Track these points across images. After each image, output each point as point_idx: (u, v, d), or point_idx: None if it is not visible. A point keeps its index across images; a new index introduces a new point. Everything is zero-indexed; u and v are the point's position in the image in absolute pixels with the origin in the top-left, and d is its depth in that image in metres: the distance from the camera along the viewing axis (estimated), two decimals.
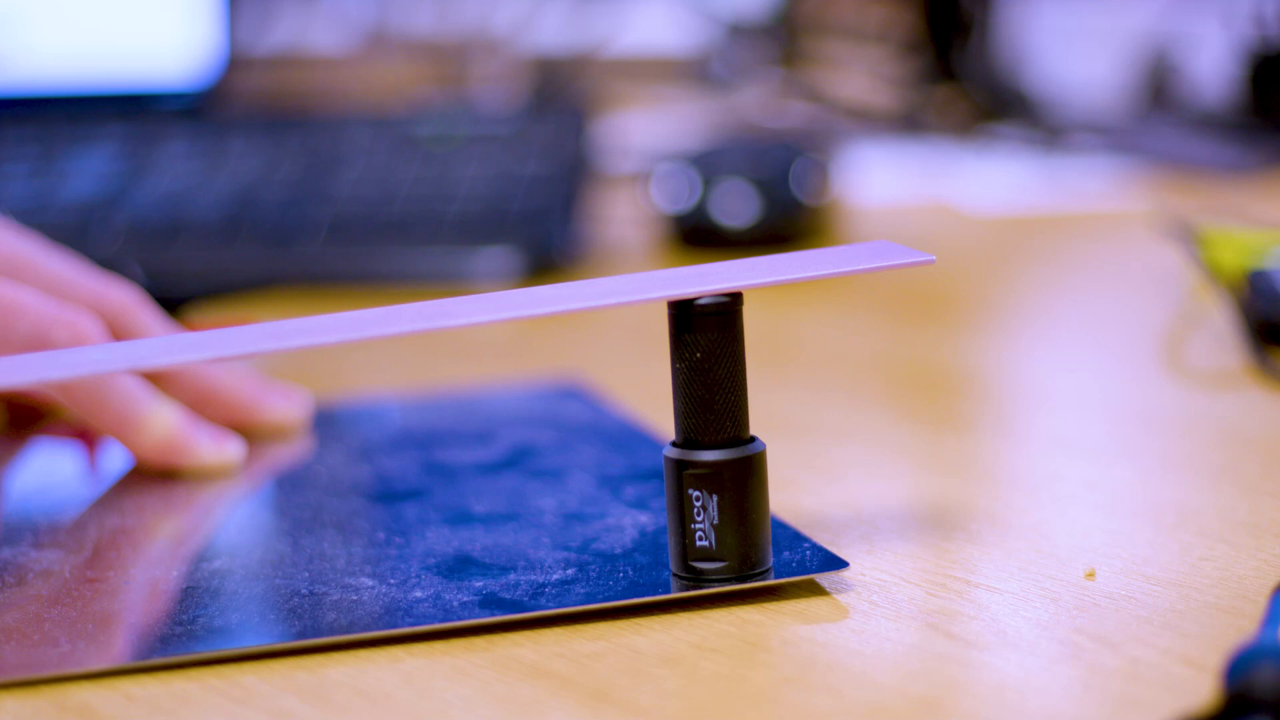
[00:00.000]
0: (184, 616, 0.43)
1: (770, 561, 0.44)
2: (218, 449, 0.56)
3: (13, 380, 0.42)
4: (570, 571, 0.45)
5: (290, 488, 0.56)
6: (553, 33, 1.38)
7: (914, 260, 0.44)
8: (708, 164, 0.93)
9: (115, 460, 0.57)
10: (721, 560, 0.43)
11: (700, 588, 0.43)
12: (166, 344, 0.44)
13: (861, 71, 1.36)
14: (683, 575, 0.43)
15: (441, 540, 0.48)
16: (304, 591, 0.44)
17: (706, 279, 0.43)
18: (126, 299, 0.58)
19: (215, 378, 0.59)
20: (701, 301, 0.43)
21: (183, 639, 0.42)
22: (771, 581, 0.43)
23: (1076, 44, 1.34)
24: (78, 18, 1.03)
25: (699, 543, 0.43)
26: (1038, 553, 0.46)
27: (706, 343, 0.43)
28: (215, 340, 0.43)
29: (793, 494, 0.51)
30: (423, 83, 1.34)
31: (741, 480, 0.43)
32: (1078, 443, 0.57)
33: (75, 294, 0.57)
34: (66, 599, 0.45)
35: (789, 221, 0.91)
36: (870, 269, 0.44)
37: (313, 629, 0.42)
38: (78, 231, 0.87)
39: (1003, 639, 0.41)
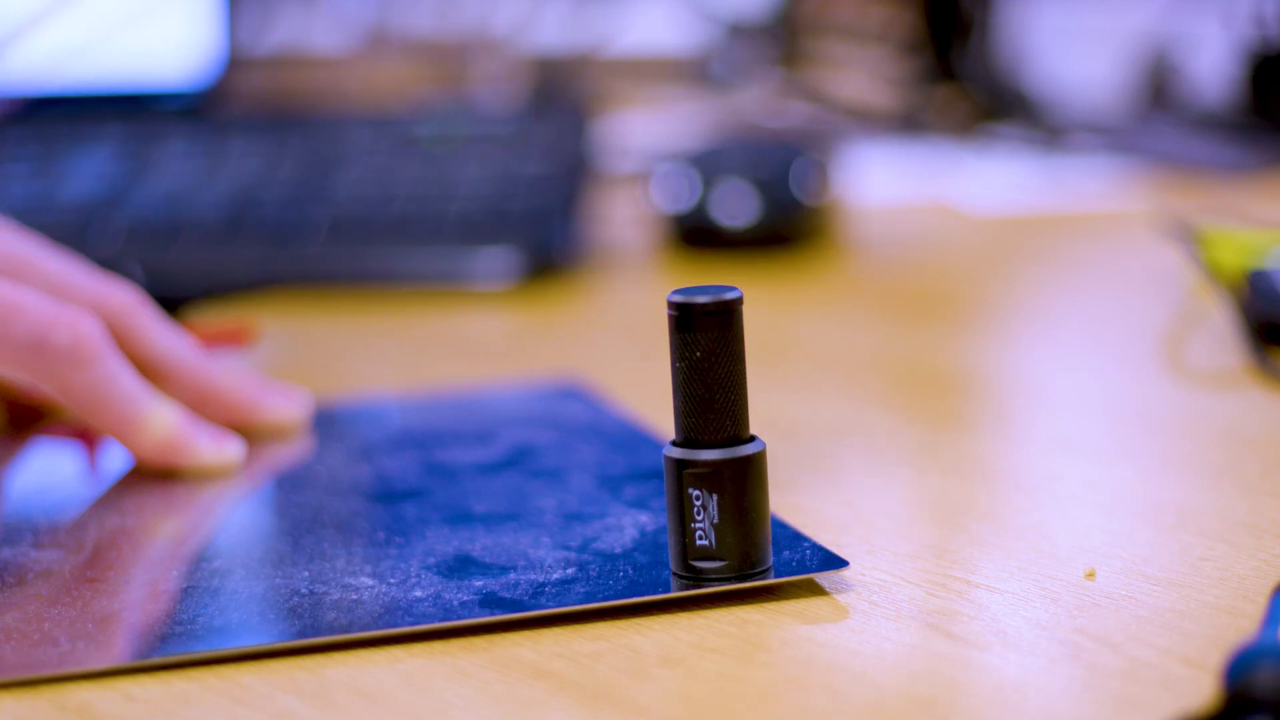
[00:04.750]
0: (184, 616, 0.43)
1: (770, 561, 0.44)
2: (218, 449, 0.56)
3: None
4: (570, 571, 0.45)
5: (290, 488, 0.56)
6: (553, 33, 1.38)
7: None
8: (708, 164, 0.93)
9: (115, 460, 0.57)
10: (721, 560, 0.43)
11: (700, 587, 0.43)
12: None
13: (861, 71, 1.36)
14: (683, 575, 0.43)
15: (441, 540, 0.48)
16: (304, 591, 0.44)
17: None
18: (126, 299, 0.58)
19: (215, 378, 0.59)
20: (701, 300, 0.43)
21: (183, 639, 0.42)
22: (771, 581, 0.43)
23: (1076, 44, 1.34)
24: (77, 18, 1.03)
25: (699, 542, 0.43)
26: (1038, 553, 0.46)
27: (706, 342, 0.43)
28: None
29: (793, 494, 0.51)
30: (423, 83, 1.34)
31: (741, 480, 0.43)
32: (1078, 443, 0.57)
33: (75, 294, 0.57)
34: (66, 599, 0.45)
35: (789, 221, 0.91)
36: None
37: (313, 629, 0.42)
38: (78, 231, 0.87)
39: (1003, 639, 0.41)
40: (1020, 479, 0.55)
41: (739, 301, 0.43)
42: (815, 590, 0.44)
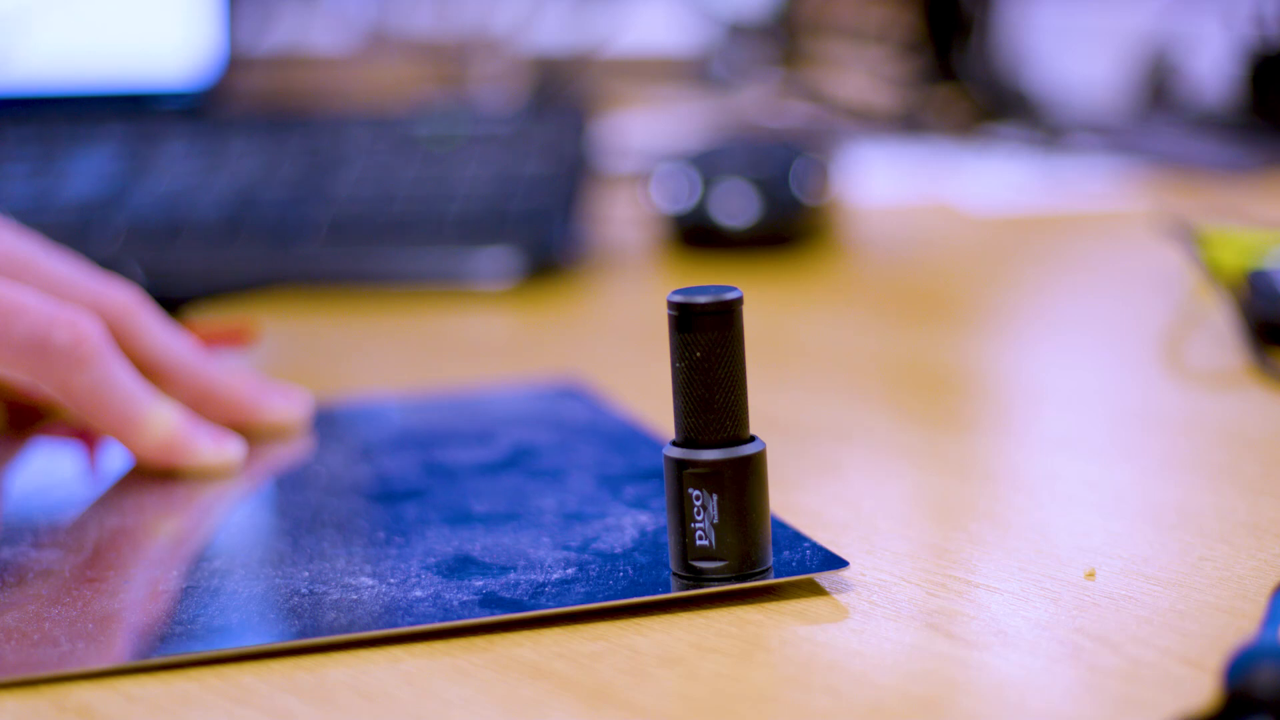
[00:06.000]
0: (184, 616, 0.43)
1: (770, 561, 0.44)
2: (218, 449, 0.56)
3: None
4: (570, 571, 0.45)
5: (290, 488, 0.56)
6: (553, 33, 1.38)
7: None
8: (708, 164, 0.93)
9: (115, 460, 0.57)
10: (721, 560, 0.43)
11: (700, 587, 0.43)
12: None
13: (861, 71, 1.36)
14: (683, 575, 0.43)
15: (441, 540, 0.48)
16: (304, 591, 0.44)
17: None
18: (126, 299, 0.58)
19: (215, 378, 0.59)
20: (701, 301, 0.43)
21: (183, 639, 0.42)
22: (771, 581, 0.43)
23: (1076, 44, 1.34)
24: (78, 18, 1.03)
25: (699, 542, 0.43)
26: (1038, 553, 0.46)
27: (706, 342, 0.43)
28: None
29: (793, 494, 0.51)
30: (423, 83, 1.34)
31: (741, 480, 0.43)
32: (1078, 443, 0.57)
33: (75, 294, 0.57)
34: (66, 599, 0.45)
35: (789, 221, 0.91)
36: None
37: (313, 629, 0.42)
38: (78, 231, 0.87)
39: (1003, 639, 0.41)
40: (1020, 479, 0.55)
41: (739, 301, 0.43)
42: (815, 590, 0.44)
